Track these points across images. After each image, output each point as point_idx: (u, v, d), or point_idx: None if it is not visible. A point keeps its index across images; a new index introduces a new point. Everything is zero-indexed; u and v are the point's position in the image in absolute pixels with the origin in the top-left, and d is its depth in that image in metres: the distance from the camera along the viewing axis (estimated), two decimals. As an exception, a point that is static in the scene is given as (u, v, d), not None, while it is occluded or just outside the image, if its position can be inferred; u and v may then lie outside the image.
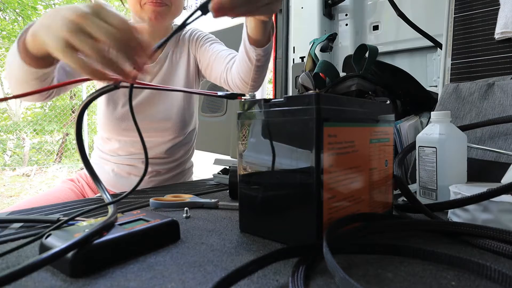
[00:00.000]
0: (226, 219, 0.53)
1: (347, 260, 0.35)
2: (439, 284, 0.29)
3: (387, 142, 0.49)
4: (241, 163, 0.45)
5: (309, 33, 1.46)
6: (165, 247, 0.39)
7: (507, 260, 0.35)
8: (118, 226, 0.38)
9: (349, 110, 0.42)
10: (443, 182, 0.59)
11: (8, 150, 6.61)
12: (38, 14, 7.78)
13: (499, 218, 0.42)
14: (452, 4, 0.96)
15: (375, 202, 0.46)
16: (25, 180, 5.43)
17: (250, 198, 0.44)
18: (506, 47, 0.85)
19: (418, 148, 0.63)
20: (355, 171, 0.42)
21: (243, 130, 0.44)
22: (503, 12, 0.84)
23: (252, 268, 0.29)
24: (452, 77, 0.91)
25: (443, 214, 0.52)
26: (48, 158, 6.80)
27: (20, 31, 0.53)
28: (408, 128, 0.83)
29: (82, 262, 0.32)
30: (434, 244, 0.39)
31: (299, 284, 0.28)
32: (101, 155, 1.00)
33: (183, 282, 0.30)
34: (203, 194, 0.74)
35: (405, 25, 1.19)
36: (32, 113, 7.64)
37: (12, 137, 6.79)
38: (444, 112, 0.61)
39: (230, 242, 0.41)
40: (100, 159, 1.00)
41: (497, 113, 0.73)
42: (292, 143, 0.39)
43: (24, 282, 0.30)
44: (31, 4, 7.55)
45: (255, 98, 0.46)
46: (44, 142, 6.96)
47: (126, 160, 0.96)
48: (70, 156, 7.26)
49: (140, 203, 0.62)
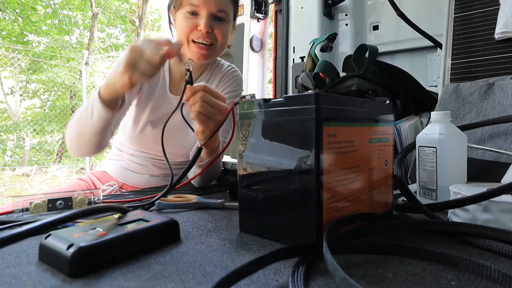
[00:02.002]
0: (226, 219, 0.53)
1: (347, 260, 0.35)
2: (439, 284, 0.29)
3: (387, 142, 0.49)
4: (241, 163, 0.45)
5: (309, 33, 1.46)
6: (165, 247, 0.39)
7: (507, 260, 0.35)
8: (118, 226, 0.38)
9: (349, 110, 0.42)
10: (443, 182, 0.59)
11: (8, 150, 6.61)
12: (38, 14, 7.79)
13: (499, 218, 0.42)
14: (452, 4, 0.96)
15: (375, 202, 0.46)
16: (25, 180, 5.43)
17: (250, 198, 0.44)
18: (506, 47, 0.85)
19: (418, 148, 0.63)
20: (355, 171, 0.42)
21: (243, 130, 0.44)
22: (503, 12, 0.84)
23: (252, 268, 0.29)
24: (452, 77, 0.91)
25: (443, 214, 0.52)
26: (48, 158, 6.81)
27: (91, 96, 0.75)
28: (408, 128, 0.83)
29: (82, 262, 0.32)
30: (434, 244, 0.39)
31: (299, 284, 0.28)
32: (115, 152, 1.03)
33: (183, 282, 0.30)
34: (204, 194, 0.74)
35: (405, 25, 1.19)
36: (32, 113, 7.65)
37: (12, 137, 6.79)
38: (444, 112, 0.61)
39: (230, 242, 0.41)
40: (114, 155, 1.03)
41: (497, 113, 0.73)
42: (292, 143, 0.39)
43: (24, 282, 0.30)
44: (31, 4, 7.55)
45: (255, 98, 0.46)
46: (44, 142, 6.96)
47: (139, 160, 0.98)
48: (70, 156, 7.26)
49: (141, 203, 0.62)
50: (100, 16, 8.39)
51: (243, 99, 0.46)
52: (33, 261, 0.35)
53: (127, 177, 0.99)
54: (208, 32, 0.84)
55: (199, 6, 0.82)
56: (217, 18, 0.85)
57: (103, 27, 9.12)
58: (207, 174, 0.83)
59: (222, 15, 0.86)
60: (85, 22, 8.82)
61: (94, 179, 1.02)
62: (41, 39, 8.30)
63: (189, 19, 0.84)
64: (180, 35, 0.86)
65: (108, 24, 9.14)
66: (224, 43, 0.90)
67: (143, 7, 8.46)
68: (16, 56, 6.07)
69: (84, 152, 0.83)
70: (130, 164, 0.99)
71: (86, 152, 0.83)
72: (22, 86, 7.73)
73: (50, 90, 7.71)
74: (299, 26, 1.52)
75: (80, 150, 0.82)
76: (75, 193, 0.57)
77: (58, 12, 8.26)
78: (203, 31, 0.83)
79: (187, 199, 0.62)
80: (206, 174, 0.82)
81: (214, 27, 0.85)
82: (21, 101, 7.75)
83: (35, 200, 0.53)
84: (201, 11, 0.83)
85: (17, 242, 0.32)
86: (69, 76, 7.16)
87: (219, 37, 0.87)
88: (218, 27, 0.86)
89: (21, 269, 0.33)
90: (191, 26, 0.84)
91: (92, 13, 7.88)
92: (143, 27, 8.52)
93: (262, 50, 1.70)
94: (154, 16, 9.32)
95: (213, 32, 0.85)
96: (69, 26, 8.53)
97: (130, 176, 0.98)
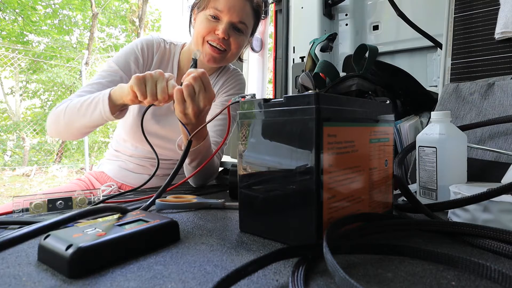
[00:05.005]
0: (226, 219, 0.52)
1: (347, 260, 0.35)
2: (439, 284, 0.29)
3: (387, 142, 0.49)
4: (241, 163, 0.45)
5: (309, 33, 1.46)
6: (165, 247, 0.39)
7: (507, 260, 0.35)
8: (117, 227, 0.38)
9: (349, 110, 0.42)
10: (443, 182, 0.58)
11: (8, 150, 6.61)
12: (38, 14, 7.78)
13: (499, 218, 0.42)
14: (452, 4, 0.96)
15: (375, 202, 0.46)
16: (25, 180, 5.43)
17: (250, 198, 0.44)
18: (506, 47, 0.85)
19: (418, 148, 0.63)
20: (355, 171, 0.42)
21: (243, 130, 0.44)
22: (503, 12, 0.84)
23: (252, 268, 0.29)
24: (452, 77, 0.91)
25: (443, 214, 0.52)
26: (48, 158, 6.81)
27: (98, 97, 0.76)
28: (408, 128, 0.83)
29: (81, 263, 0.32)
30: (434, 244, 0.39)
31: (299, 284, 0.28)
32: (113, 153, 1.03)
33: (183, 282, 0.30)
34: (204, 194, 0.74)
35: (405, 25, 1.19)
36: (32, 113, 7.64)
37: (12, 137, 6.79)
38: (444, 112, 0.61)
39: (230, 242, 0.41)
40: (111, 156, 1.03)
41: (497, 113, 0.73)
42: (292, 143, 0.39)
43: (24, 282, 0.30)
44: (30, 4, 7.55)
45: (255, 98, 0.46)
46: (44, 142, 6.96)
47: (137, 160, 0.99)
48: (70, 156, 7.27)
49: (140, 203, 0.62)
50: (100, 16, 8.38)
51: (243, 99, 0.46)
52: (33, 261, 0.35)
53: (125, 177, 0.99)
54: (224, 38, 0.86)
55: (223, 12, 0.85)
56: (236, 28, 0.88)
57: (103, 27, 9.11)
58: (202, 173, 0.83)
59: (242, 27, 0.88)
60: (85, 22, 8.81)
61: (92, 179, 1.02)
62: (41, 39, 8.30)
63: (210, 22, 0.86)
64: (197, 34, 0.88)
65: (108, 24, 9.14)
66: (236, 53, 0.92)
67: (143, 7, 8.45)
68: (16, 56, 6.07)
69: (64, 136, 0.87)
70: (129, 164, 0.99)
71: (66, 137, 0.86)
72: (22, 86, 7.72)
73: (50, 90, 7.71)
74: (299, 26, 1.52)
75: (61, 134, 0.86)
76: (75, 193, 0.57)
77: (58, 12, 8.26)
78: (220, 35, 0.85)
79: (187, 199, 0.62)
80: (201, 173, 0.82)
81: (231, 35, 0.87)
82: (21, 101, 7.74)
83: (35, 200, 0.53)
84: (223, 17, 0.85)
85: (17, 245, 0.32)
86: (69, 76, 7.16)
87: (233, 46, 0.89)
88: (235, 37, 0.88)
89: (21, 269, 0.33)
90: (210, 29, 0.86)
91: (92, 13, 7.88)
92: (143, 27, 8.52)
93: (262, 50, 1.70)
94: (154, 16, 9.32)
95: (229, 39, 0.87)
96: (69, 26, 8.52)
97: (128, 176, 0.98)
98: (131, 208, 0.47)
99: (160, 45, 0.95)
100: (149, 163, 0.98)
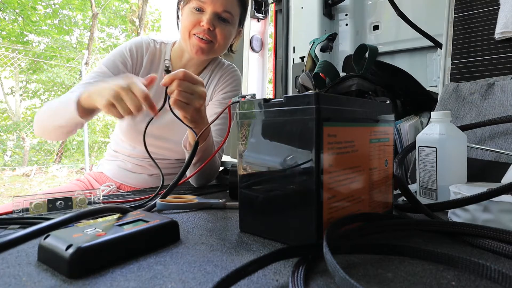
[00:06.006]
0: (226, 219, 0.52)
1: (347, 260, 0.35)
2: (439, 284, 0.29)
3: (387, 142, 0.49)
4: (241, 163, 0.45)
5: (309, 33, 1.46)
6: (165, 247, 0.39)
7: (507, 260, 0.35)
8: (117, 227, 0.38)
9: (349, 110, 0.42)
10: (443, 182, 0.58)
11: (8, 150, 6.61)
12: (38, 14, 7.78)
13: (499, 218, 0.42)
14: (452, 4, 0.96)
15: (375, 202, 0.46)
16: (25, 180, 5.43)
17: (250, 198, 0.44)
18: (506, 47, 0.85)
19: (418, 148, 0.63)
20: (355, 171, 0.42)
21: (243, 130, 0.44)
22: (503, 12, 0.84)
23: (252, 268, 0.29)
24: (452, 77, 0.91)
25: (443, 214, 0.52)
26: (48, 158, 6.81)
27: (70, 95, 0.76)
28: (408, 128, 0.83)
29: (81, 263, 0.32)
30: (434, 244, 0.39)
31: (299, 284, 0.28)
32: (112, 153, 1.03)
33: (183, 282, 0.30)
34: (204, 194, 0.74)
35: (405, 25, 1.19)
36: (32, 113, 7.64)
37: (12, 137, 6.79)
38: (444, 112, 0.61)
39: (230, 242, 0.41)
40: (110, 156, 1.03)
41: (497, 113, 0.73)
42: (292, 143, 0.39)
43: (24, 282, 0.30)
44: (30, 4, 7.55)
45: (255, 98, 0.46)
46: (44, 142, 6.95)
47: (136, 160, 0.98)
48: (70, 156, 7.26)
49: (140, 203, 0.62)
50: (100, 16, 8.38)
51: (243, 99, 0.46)
52: (33, 261, 0.35)
53: (124, 177, 0.98)
54: (209, 29, 0.85)
55: (206, 3, 0.84)
56: (221, 18, 0.86)
57: (103, 27, 9.12)
58: (204, 172, 0.83)
59: (227, 16, 0.87)
60: (85, 22, 8.81)
61: (91, 180, 1.02)
62: (41, 39, 8.30)
63: (194, 15, 0.85)
64: (183, 28, 0.88)
65: (108, 24, 9.14)
66: (224, 44, 0.90)
67: (143, 7, 8.46)
68: (16, 56, 6.07)
69: (47, 136, 0.88)
70: (127, 164, 0.99)
71: (49, 137, 0.88)
72: (22, 86, 7.73)
73: (50, 90, 7.71)
74: (299, 26, 1.52)
75: (44, 134, 0.87)
76: (75, 193, 0.57)
77: (58, 12, 8.26)
78: (204, 27, 0.84)
79: (187, 199, 0.62)
80: (203, 172, 0.82)
81: (216, 25, 0.86)
82: (21, 101, 7.75)
83: (35, 200, 0.53)
84: (207, 7, 0.84)
85: (17, 246, 0.32)
86: (69, 76, 7.16)
87: (220, 37, 0.88)
88: (221, 27, 0.87)
89: (21, 269, 0.33)
90: (195, 21, 0.85)
91: (92, 13, 7.88)
92: (143, 27, 8.52)
93: (262, 50, 1.70)
94: (154, 16, 9.32)
95: (214, 30, 0.86)
96: (69, 26, 8.53)
97: (127, 176, 0.98)
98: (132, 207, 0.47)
99: (150, 45, 0.95)
100: (147, 163, 0.98)
